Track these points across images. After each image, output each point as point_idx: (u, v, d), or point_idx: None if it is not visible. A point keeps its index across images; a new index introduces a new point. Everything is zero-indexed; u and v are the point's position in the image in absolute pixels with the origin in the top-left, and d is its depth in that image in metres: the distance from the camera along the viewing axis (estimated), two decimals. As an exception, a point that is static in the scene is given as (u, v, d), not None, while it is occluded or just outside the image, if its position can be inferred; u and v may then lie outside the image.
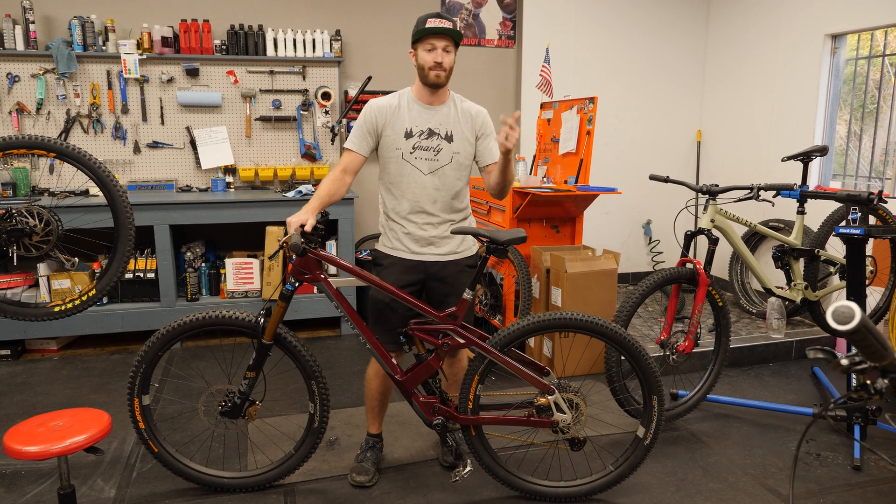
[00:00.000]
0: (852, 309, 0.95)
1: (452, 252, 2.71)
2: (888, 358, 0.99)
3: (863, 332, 0.95)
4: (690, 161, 5.93)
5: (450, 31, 2.52)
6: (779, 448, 3.10)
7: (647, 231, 5.92)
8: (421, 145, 2.61)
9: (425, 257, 2.68)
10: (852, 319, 0.94)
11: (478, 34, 5.34)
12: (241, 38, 4.68)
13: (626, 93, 5.68)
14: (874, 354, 0.97)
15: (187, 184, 4.81)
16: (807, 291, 3.60)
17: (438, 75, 2.54)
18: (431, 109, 2.64)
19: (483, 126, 2.69)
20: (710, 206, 3.31)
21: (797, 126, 4.85)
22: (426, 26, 2.51)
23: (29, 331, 4.11)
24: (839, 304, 0.97)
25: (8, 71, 4.38)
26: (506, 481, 2.61)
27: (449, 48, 2.54)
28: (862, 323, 0.93)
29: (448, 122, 2.64)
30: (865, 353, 0.98)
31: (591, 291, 3.86)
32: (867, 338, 0.95)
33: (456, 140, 2.64)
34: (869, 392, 1.02)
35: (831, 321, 0.97)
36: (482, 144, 2.70)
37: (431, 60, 2.52)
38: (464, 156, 2.67)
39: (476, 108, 2.71)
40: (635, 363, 2.54)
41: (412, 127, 2.61)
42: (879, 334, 0.99)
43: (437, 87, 2.59)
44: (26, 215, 2.69)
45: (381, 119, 2.62)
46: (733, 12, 5.48)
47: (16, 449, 2.09)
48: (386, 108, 2.63)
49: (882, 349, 0.97)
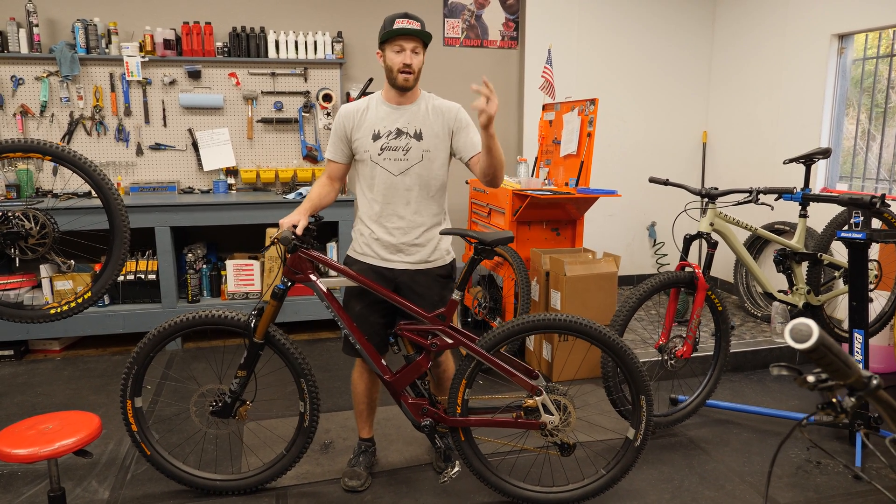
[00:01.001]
0: (810, 326, 0.92)
1: (423, 261, 2.64)
2: (852, 376, 0.96)
3: (821, 350, 0.92)
4: (696, 162, 5.88)
5: (418, 33, 2.45)
6: (781, 456, 3.06)
7: (652, 233, 5.87)
8: (389, 146, 2.55)
9: (394, 265, 2.63)
10: (810, 337, 0.91)
11: (480, 35, 5.32)
12: (243, 40, 4.70)
13: (631, 93, 5.63)
14: (837, 373, 0.95)
15: (189, 185, 4.83)
16: (809, 296, 3.55)
17: (407, 78, 2.48)
18: (399, 109, 2.57)
19: (457, 120, 2.58)
20: (710, 210, 3.26)
21: (803, 127, 4.79)
22: (394, 27, 2.43)
23: (32, 331, 4.14)
24: (797, 322, 0.94)
25: (12, 74, 4.41)
26: (496, 486, 2.59)
27: (418, 49, 2.48)
28: (820, 341, 0.91)
29: (416, 120, 2.56)
30: (827, 371, 0.95)
31: (591, 295, 3.83)
32: (827, 356, 0.92)
33: (426, 137, 2.56)
34: (836, 410, 0.99)
35: (789, 339, 0.94)
36: (460, 139, 2.59)
37: (400, 62, 2.46)
38: (435, 153, 2.58)
39: (448, 104, 2.62)
40: (621, 363, 2.53)
41: (379, 128, 2.56)
42: (841, 352, 0.96)
43: (406, 90, 2.53)
44: (22, 218, 2.70)
45: (348, 124, 2.59)
46: (739, 12, 5.43)
47: (5, 452, 2.11)
48: (353, 112, 2.60)
49: (844, 367, 0.94)
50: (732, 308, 5.14)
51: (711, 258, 3.23)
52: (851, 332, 3.03)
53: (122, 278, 4.32)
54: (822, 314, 3.66)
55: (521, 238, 4.22)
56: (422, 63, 2.53)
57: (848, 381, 0.96)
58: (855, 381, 0.96)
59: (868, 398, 0.98)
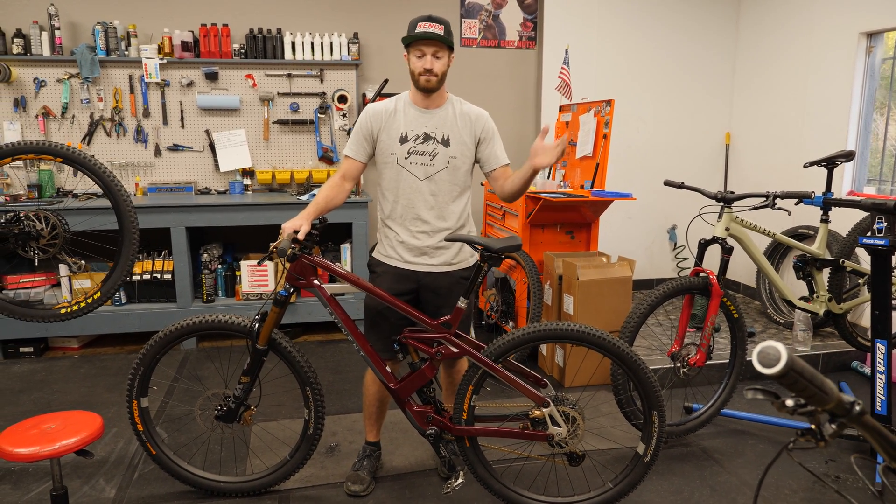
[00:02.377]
0: (778, 350, 0.86)
1: (447, 263, 2.65)
2: (830, 402, 0.90)
3: (791, 375, 0.86)
4: (718, 165, 5.75)
5: (437, 37, 2.44)
6: (795, 469, 2.96)
7: (673, 236, 5.77)
8: (416, 150, 2.56)
9: (418, 267, 2.63)
10: (778, 362, 0.85)
11: (498, 35, 5.28)
12: (260, 41, 4.72)
13: (652, 94, 5.54)
14: (812, 398, 0.89)
15: (206, 186, 4.87)
16: (831, 304, 3.44)
17: (429, 80, 2.48)
18: (427, 113, 2.58)
19: (484, 129, 2.60)
20: (725, 214, 3.18)
21: (830, 128, 4.66)
22: (416, 31, 2.44)
23: (51, 329, 4.21)
24: (764, 345, 0.88)
25: (35, 76, 4.49)
26: (500, 495, 2.54)
27: (439, 53, 2.48)
28: (789, 366, 0.85)
29: (445, 126, 2.57)
30: (801, 396, 0.89)
31: (604, 299, 3.76)
32: (798, 381, 0.86)
33: (453, 144, 2.57)
34: (816, 437, 0.93)
35: (756, 364, 0.89)
36: (485, 149, 2.62)
37: (421, 67, 2.47)
38: (461, 160, 2.59)
39: (476, 111, 2.63)
40: (634, 376, 2.45)
41: (407, 131, 2.56)
42: (816, 377, 0.90)
43: (430, 92, 2.53)
44: (33, 219, 2.74)
45: (376, 124, 2.59)
46: (764, 10, 5.30)
47: (7, 451, 2.13)
48: (382, 112, 2.59)
49: (820, 393, 0.88)
50: (755, 314, 5.02)
51: (726, 264, 3.15)
52: (874, 342, 2.92)
53: (138, 278, 4.37)
54: (845, 323, 3.55)
55: (535, 241, 4.17)
56: (445, 66, 2.52)
57: (826, 408, 0.90)
58: (835, 407, 0.90)
59: (851, 425, 0.92)
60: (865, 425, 0.94)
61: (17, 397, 3.66)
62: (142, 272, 4.39)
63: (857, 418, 0.91)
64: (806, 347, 4.06)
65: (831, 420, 0.93)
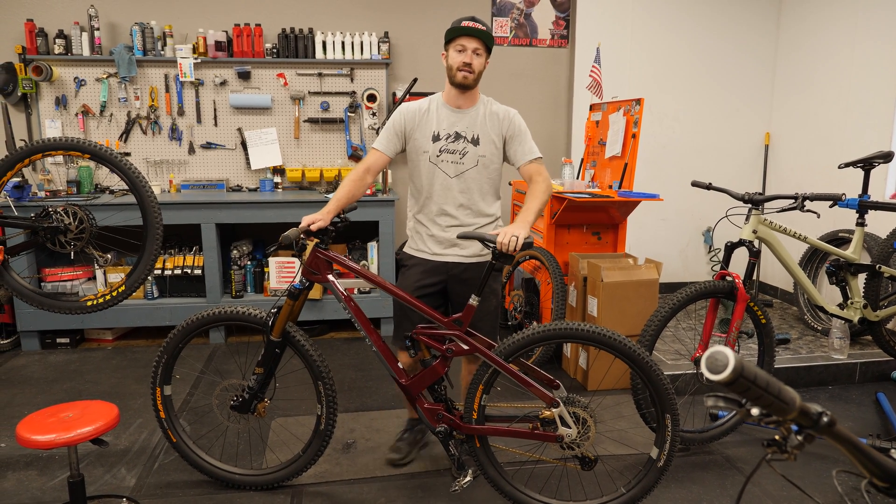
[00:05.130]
0: (726, 355, 0.80)
1: (476, 255, 2.72)
2: (791, 411, 0.84)
3: (742, 382, 0.81)
4: (757, 166, 5.59)
5: (481, 34, 2.55)
6: (821, 481, 2.85)
7: (708, 239, 5.62)
8: (447, 148, 2.65)
9: (448, 258, 2.71)
10: (725, 368, 0.80)
11: (529, 34, 5.23)
12: (292, 41, 4.78)
13: (687, 93, 5.41)
14: (770, 407, 0.83)
15: (238, 184, 4.95)
16: (866, 311, 3.29)
17: (466, 76, 2.57)
18: (459, 113, 2.66)
19: (510, 127, 2.67)
20: (753, 216, 3.08)
21: (873, 129, 4.47)
22: (460, 26, 2.55)
23: (86, 321, 4.34)
24: (713, 350, 0.83)
25: (75, 75, 4.64)
26: (510, 496, 2.52)
27: (479, 51, 2.57)
28: (738, 372, 0.80)
29: (475, 126, 2.66)
30: (757, 405, 0.84)
31: (629, 302, 3.69)
32: (751, 389, 0.81)
33: (482, 143, 2.65)
34: (781, 448, 0.88)
35: (703, 369, 0.84)
36: (513, 146, 2.68)
37: (461, 61, 2.55)
38: (490, 159, 2.67)
39: (504, 110, 2.69)
40: (646, 378, 2.40)
41: (439, 130, 2.66)
42: (773, 385, 0.84)
43: (465, 89, 2.61)
44: (62, 214, 2.82)
45: (409, 123, 2.68)
46: (806, 9, 5.12)
47: (26, 438, 2.19)
48: (416, 111, 2.69)
49: (777, 402, 0.83)
50: (792, 320, 4.86)
51: (753, 267, 3.05)
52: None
53: (169, 272, 4.48)
54: (882, 331, 3.40)
55: (561, 242, 4.11)
56: (483, 66, 2.62)
57: (787, 417, 0.85)
58: (798, 417, 0.85)
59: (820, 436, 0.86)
60: (837, 436, 0.89)
61: (50, 386, 3.79)
62: (173, 267, 4.49)
63: (825, 429, 0.86)
64: (842, 356, 3.90)
65: (798, 431, 0.88)
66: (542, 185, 2.58)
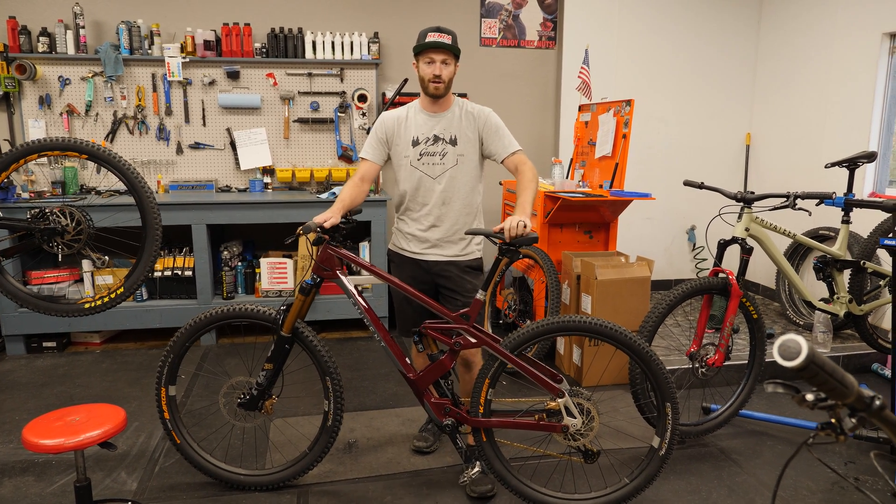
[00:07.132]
0: (799, 343, 0.86)
1: (455, 255, 2.83)
2: (850, 395, 0.90)
3: (812, 368, 0.86)
4: (739, 165, 5.71)
5: (447, 46, 2.63)
6: (813, 470, 2.94)
7: (692, 237, 5.73)
8: (427, 151, 2.76)
9: (429, 257, 2.82)
10: (799, 355, 0.86)
11: (517, 35, 5.28)
12: (281, 41, 4.76)
13: (672, 94, 5.51)
14: (832, 392, 0.89)
15: (227, 184, 4.92)
16: (851, 305, 3.41)
17: (437, 87, 2.68)
18: (436, 117, 2.77)
19: (487, 124, 2.76)
20: (745, 215, 3.16)
21: (852, 129, 4.61)
22: (425, 41, 2.63)
23: (73, 324, 4.28)
24: (785, 338, 0.89)
25: (60, 74, 4.57)
26: (515, 489, 2.56)
27: (448, 61, 2.66)
28: (810, 359, 0.85)
29: (451, 127, 2.76)
30: (822, 390, 0.90)
31: (623, 299, 3.76)
32: (819, 374, 0.87)
33: (460, 143, 2.75)
34: (836, 431, 0.94)
35: (777, 357, 0.90)
36: (492, 142, 2.75)
37: (430, 73, 2.66)
38: (469, 157, 2.77)
39: (479, 109, 2.80)
40: (647, 368, 2.47)
41: (418, 135, 2.77)
42: (836, 370, 0.90)
43: (438, 97, 2.72)
44: (59, 215, 2.79)
45: (389, 131, 2.81)
46: (786, 12, 5.25)
47: (33, 442, 2.16)
48: (395, 120, 2.81)
49: (840, 386, 0.89)
50: (774, 315, 4.98)
51: (746, 264, 3.13)
52: (895, 344, 2.90)
53: (159, 274, 4.43)
54: (865, 324, 3.51)
55: (553, 241, 4.17)
56: (452, 73, 2.71)
57: (846, 401, 0.90)
58: (855, 401, 0.91)
59: (871, 419, 0.92)
60: (885, 420, 0.94)
61: (40, 391, 3.73)
62: (163, 269, 4.45)
63: (877, 412, 0.91)
64: (826, 349, 4.02)
65: (851, 414, 0.93)
66: (528, 174, 2.67)
